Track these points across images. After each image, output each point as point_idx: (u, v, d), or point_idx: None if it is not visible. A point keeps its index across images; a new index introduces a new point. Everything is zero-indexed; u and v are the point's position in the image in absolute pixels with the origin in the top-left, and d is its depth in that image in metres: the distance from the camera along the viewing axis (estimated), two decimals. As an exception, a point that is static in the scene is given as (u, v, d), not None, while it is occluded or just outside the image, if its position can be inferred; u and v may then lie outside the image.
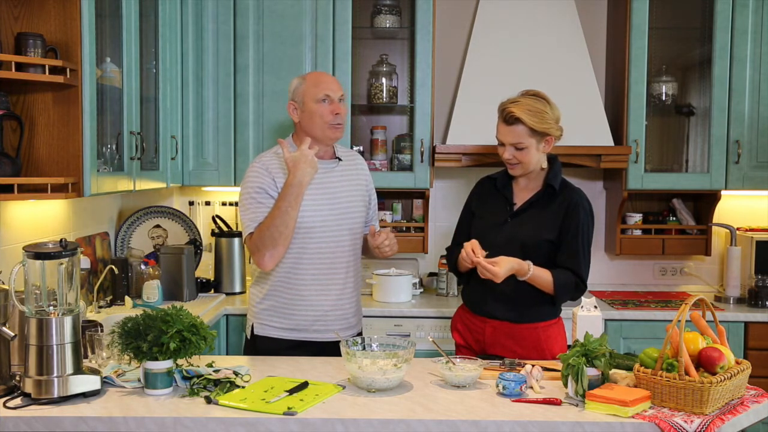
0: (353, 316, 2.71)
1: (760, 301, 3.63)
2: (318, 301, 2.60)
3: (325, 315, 2.61)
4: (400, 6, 3.87)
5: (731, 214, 3.95)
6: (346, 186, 2.67)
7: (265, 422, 1.89)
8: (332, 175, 2.65)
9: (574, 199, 2.56)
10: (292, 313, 2.61)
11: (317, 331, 2.62)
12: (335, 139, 2.66)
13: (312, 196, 2.57)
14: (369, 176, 2.81)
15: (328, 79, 2.66)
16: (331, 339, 2.55)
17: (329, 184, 2.63)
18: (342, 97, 2.63)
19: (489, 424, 1.89)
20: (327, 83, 2.62)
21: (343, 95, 2.65)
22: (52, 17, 2.51)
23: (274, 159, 2.63)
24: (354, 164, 2.76)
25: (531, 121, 2.48)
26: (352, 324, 2.71)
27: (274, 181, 2.56)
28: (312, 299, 2.60)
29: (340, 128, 2.63)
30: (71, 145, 2.53)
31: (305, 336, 2.62)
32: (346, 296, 2.66)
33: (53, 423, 1.89)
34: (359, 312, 2.78)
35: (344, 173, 2.69)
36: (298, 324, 2.61)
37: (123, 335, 2.06)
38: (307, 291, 2.60)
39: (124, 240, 3.65)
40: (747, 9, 3.66)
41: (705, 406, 1.89)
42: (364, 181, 2.76)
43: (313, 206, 2.57)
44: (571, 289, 2.52)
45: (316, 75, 2.69)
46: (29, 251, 2.01)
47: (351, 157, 2.78)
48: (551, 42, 3.76)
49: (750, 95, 3.69)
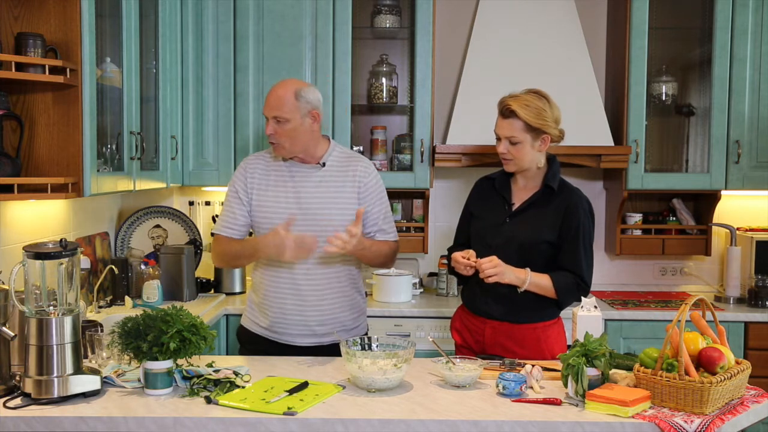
0: (320, 324, 2.59)
1: (760, 301, 3.63)
2: (282, 303, 2.58)
3: (284, 318, 2.58)
4: (400, 6, 3.87)
5: (731, 214, 3.95)
6: (323, 192, 2.57)
7: (265, 422, 1.89)
8: (309, 180, 2.58)
9: (573, 199, 2.55)
10: (262, 311, 2.64)
11: (277, 333, 2.61)
12: (280, 156, 2.59)
13: (277, 198, 2.57)
14: (369, 183, 2.62)
15: (270, 96, 2.54)
16: (293, 343, 2.58)
17: (302, 188, 2.57)
18: (278, 117, 2.49)
19: (489, 424, 1.89)
20: (267, 102, 2.54)
21: (279, 115, 2.49)
22: (52, 17, 2.51)
23: (258, 160, 2.65)
24: (346, 170, 2.61)
25: (527, 115, 2.48)
26: (318, 333, 2.59)
27: (246, 184, 2.60)
28: (277, 300, 2.59)
29: (278, 148, 2.55)
30: (71, 145, 2.53)
31: (268, 335, 2.63)
32: (317, 303, 2.57)
33: (53, 423, 1.89)
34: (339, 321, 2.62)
35: (325, 179, 2.59)
36: (266, 322, 2.63)
37: (123, 335, 2.06)
38: (275, 292, 2.59)
39: (124, 240, 3.65)
40: (747, 9, 3.66)
41: (705, 406, 1.89)
42: (354, 188, 2.59)
43: (276, 207, 2.55)
44: (573, 291, 2.52)
45: (270, 89, 2.59)
46: (29, 251, 2.01)
47: (345, 163, 2.63)
48: (551, 42, 3.76)
49: (750, 95, 3.69)
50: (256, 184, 2.61)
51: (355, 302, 2.70)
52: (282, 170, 2.61)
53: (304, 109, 2.52)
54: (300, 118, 2.51)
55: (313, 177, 2.59)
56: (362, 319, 2.77)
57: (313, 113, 2.55)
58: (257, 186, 2.61)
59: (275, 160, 2.64)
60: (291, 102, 2.50)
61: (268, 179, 2.61)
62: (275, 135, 2.52)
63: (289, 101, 2.50)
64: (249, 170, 2.63)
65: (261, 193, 2.60)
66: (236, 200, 2.62)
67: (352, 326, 2.69)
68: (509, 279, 2.44)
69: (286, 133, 2.51)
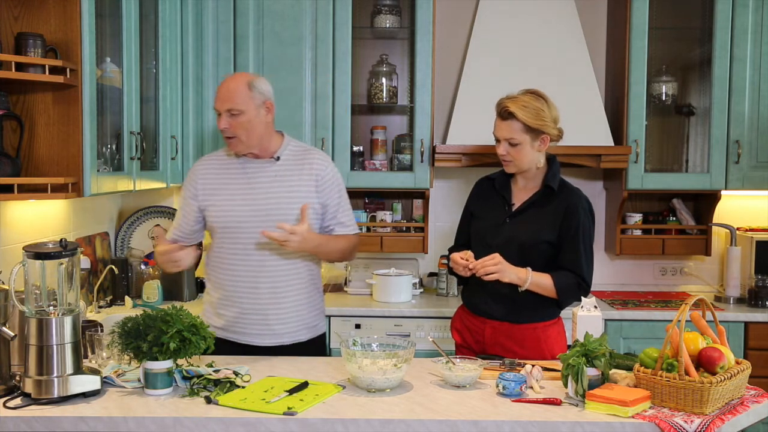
0: (281, 323, 2.55)
1: (760, 301, 3.63)
2: (240, 302, 2.54)
3: (243, 316, 2.53)
4: (400, 6, 3.87)
5: (731, 214, 3.95)
6: (278, 186, 2.52)
7: (265, 422, 1.89)
8: (262, 174, 2.54)
9: (573, 199, 2.55)
10: (217, 311, 2.60)
11: (235, 333, 2.57)
12: (235, 152, 2.55)
13: (231, 196, 2.53)
14: (327, 176, 2.57)
15: (221, 90, 2.49)
16: (252, 343, 2.53)
17: (256, 183, 2.53)
18: (232, 109, 2.44)
19: (489, 424, 1.89)
20: (218, 95, 2.49)
21: (233, 107, 2.44)
22: (52, 17, 2.51)
23: (210, 161, 2.63)
24: (302, 163, 2.56)
25: (525, 116, 2.48)
26: (278, 332, 2.55)
27: (196, 188, 2.58)
28: (235, 301, 2.55)
29: (232, 142, 2.50)
30: (71, 145, 2.53)
31: (225, 335, 2.57)
32: (275, 300, 2.53)
33: (53, 423, 1.89)
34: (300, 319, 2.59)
35: (280, 173, 2.54)
36: (220, 322, 2.58)
37: (123, 335, 2.06)
38: (232, 292, 2.55)
39: (124, 240, 3.65)
40: (747, 9, 3.66)
41: (705, 406, 1.89)
42: (312, 182, 2.54)
43: (230, 205, 2.52)
44: (574, 291, 2.52)
45: (220, 83, 2.54)
46: (29, 251, 2.01)
47: (301, 156, 2.58)
48: (551, 42, 3.76)
49: (750, 95, 3.69)
50: (208, 186, 2.57)
51: (315, 300, 2.65)
52: (235, 168, 2.57)
53: (258, 99, 2.48)
54: (255, 109, 2.47)
55: (267, 172, 2.54)
56: (322, 318, 2.70)
57: (267, 104, 2.51)
58: (210, 187, 2.57)
59: (229, 157, 2.59)
60: (244, 93, 2.45)
61: (221, 179, 2.57)
62: (230, 129, 2.46)
63: (243, 92, 2.45)
64: (200, 173, 2.60)
65: (214, 194, 2.56)
66: (186, 206, 2.60)
67: (313, 324, 2.63)
68: (509, 278, 2.44)
69: (242, 126, 2.46)
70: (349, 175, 3.73)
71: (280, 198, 2.51)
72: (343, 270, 3.98)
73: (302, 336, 2.60)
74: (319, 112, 3.70)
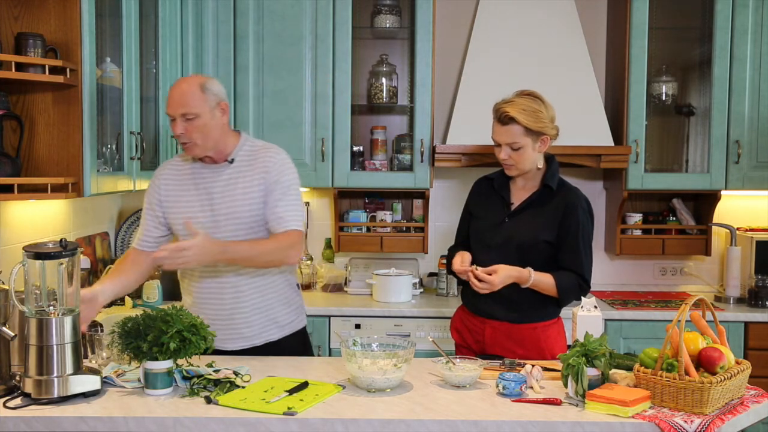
0: (248, 326, 2.51)
1: (760, 301, 3.63)
2: (207, 309, 2.49)
3: (211, 322, 2.41)
4: (400, 6, 3.87)
5: (731, 214, 3.95)
6: (231, 190, 2.45)
7: (265, 422, 1.89)
8: (218, 179, 2.47)
9: (572, 199, 2.55)
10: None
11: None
12: (192, 156, 2.47)
13: (190, 204, 2.48)
14: (273, 170, 2.45)
15: (174, 94, 2.39)
16: (223, 348, 2.48)
17: (212, 189, 2.47)
18: (187, 113, 2.36)
19: (489, 424, 1.89)
20: (171, 100, 2.40)
21: (188, 111, 2.36)
22: (52, 17, 2.51)
23: (168, 168, 2.57)
24: (254, 164, 2.48)
25: (526, 120, 2.48)
26: (246, 335, 2.51)
27: (158, 196, 2.53)
28: (202, 306, 2.51)
29: (188, 146, 2.41)
30: (71, 145, 2.53)
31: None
32: (239, 304, 2.49)
33: (53, 423, 1.89)
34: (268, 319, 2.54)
35: (233, 175, 2.47)
36: None
37: (123, 335, 2.06)
38: (198, 298, 2.52)
39: (124, 240, 3.65)
40: (747, 9, 3.66)
41: (705, 406, 1.89)
42: (261, 180, 2.44)
43: (189, 214, 2.47)
44: (575, 291, 2.52)
45: (171, 88, 2.44)
46: (29, 251, 2.01)
47: (254, 156, 2.49)
48: (551, 42, 3.76)
49: (750, 95, 3.69)
50: (171, 193, 2.52)
51: (285, 297, 2.59)
52: (192, 174, 2.51)
53: (213, 101, 2.41)
54: (209, 111, 2.39)
55: (222, 176, 2.48)
56: (297, 314, 2.65)
57: (222, 105, 2.44)
58: (172, 195, 2.52)
59: (185, 162, 2.54)
60: (198, 95, 2.37)
61: (181, 186, 2.52)
62: (186, 133, 2.38)
63: (196, 95, 2.37)
64: (162, 179, 2.54)
65: (175, 202, 2.51)
66: (149, 213, 2.55)
67: (285, 322, 2.59)
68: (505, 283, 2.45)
69: (198, 129, 2.38)
70: (349, 175, 3.73)
71: (235, 203, 2.44)
72: (343, 270, 3.98)
73: (274, 335, 2.55)
74: (319, 112, 3.70)
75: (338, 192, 3.82)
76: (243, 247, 2.37)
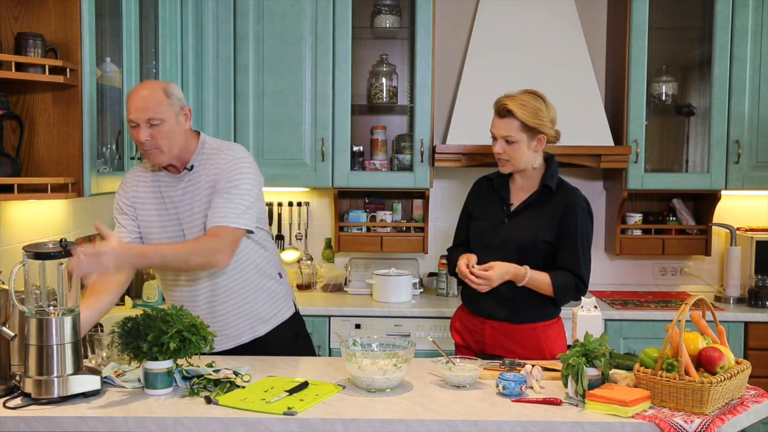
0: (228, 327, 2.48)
1: (760, 301, 3.63)
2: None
3: None
4: (400, 6, 3.88)
5: (731, 214, 3.95)
6: (189, 197, 2.41)
7: (265, 422, 1.89)
8: (177, 188, 2.43)
9: (571, 199, 2.55)
10: None
11: None
12: (155, 164, 2.40)
13: (158, 215, 2.44)
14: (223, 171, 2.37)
15: (136, 99, 2.30)
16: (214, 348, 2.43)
17: (175, 198, 2.42)
18: (152, 119, 2.28)
19: (489, 424, 1.89)
20: (133, 105, 2.31)
21: (154, 116, 2.28)
22: (52, 17, 2.51)
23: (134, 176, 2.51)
24: (207, 166, 2.40)
25: (523, 115, 2.48)
26: (232, 335, 2.49)
27: (130, 199, 2.49)
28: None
29: (153, 153, 2.33)
30: (71, 145, 2.53)
31: None
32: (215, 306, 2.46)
33: (53, 423, 1.89)
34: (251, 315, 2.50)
35: (191, 182, 2.41)
36: None
37: (123, 335, 2.06)
38: (173, 301, 2.49)
39: (124, 240, 3.64)
40: (747, 9, 3.66)
41: (705, 406, 1.89)
42: (212, 182, 2.37)
43: (158, 225, 2.44)
44: (572, 291, 2.52)
45: (130, 93, 2.35)
46: (29, 251, 2.01)
47: (208, 159, 2.42)
48: (551, 42, 3.76)
49: (750, 95, 3.69)
50: (137, 202, 2.47)
51: (266, 289, 2.54)
52: (156, 183, 2.46)
53: (177, 106, 2.34)
54: (174, 116, 2.33)
55: (181, 183, 2.42)
56: (283, 304, 2.60)
57: (185, 110, 2.38)
58: (139, 203, 2.47)
59: (147, 172, 2.48)
60: (163, 100, 2.31)
61: (147, 195, 2.47)
62: (152, 140, 2.30)
63: (161, 100, 2.30)
64: (131, 186, 2.49)
65: (141, 211, 2.48)
66: (124, 216, 2.47)
67: (269, 315, 2.55)
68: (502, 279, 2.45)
69: (164, 135, 2.30)
70: (349, 175, 3.73)
71: (193, 211, 2.40)
72: (343, 270, 3.98)
73: (260, 330, 2.53)
74: (319, 112, 3.70)
75: (338, 192, 3.82)
76: (163, 251, 2.30)
